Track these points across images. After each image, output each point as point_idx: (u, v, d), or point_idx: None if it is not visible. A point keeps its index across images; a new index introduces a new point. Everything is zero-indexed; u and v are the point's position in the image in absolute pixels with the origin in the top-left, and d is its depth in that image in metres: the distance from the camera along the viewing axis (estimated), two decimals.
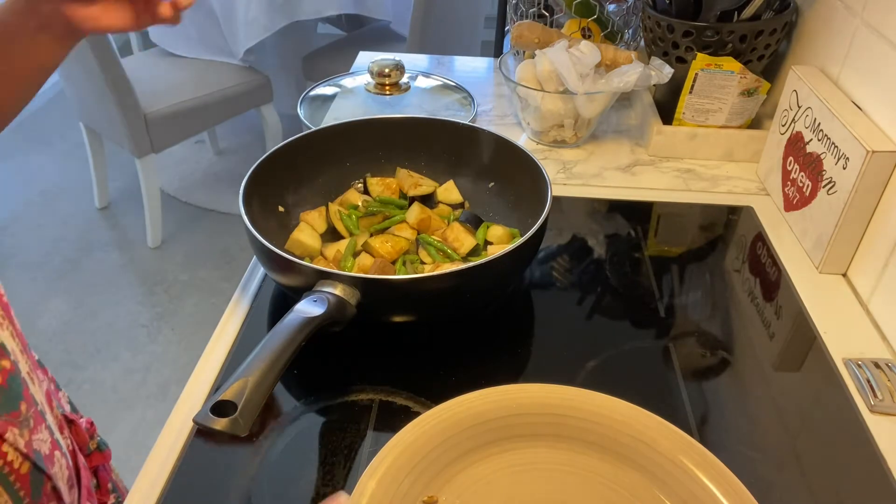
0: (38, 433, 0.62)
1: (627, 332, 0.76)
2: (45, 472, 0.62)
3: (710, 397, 0.68)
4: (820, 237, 0.82)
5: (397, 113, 1.09)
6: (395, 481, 0.55)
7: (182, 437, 0.63)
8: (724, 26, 0.94)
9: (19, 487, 0.59)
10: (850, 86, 0.84)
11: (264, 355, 0.55)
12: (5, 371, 0.58)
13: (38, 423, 0.63)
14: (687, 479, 0.56)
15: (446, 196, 0.87)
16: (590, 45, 0.99)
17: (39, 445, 0.62)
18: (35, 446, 0.61)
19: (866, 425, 0.65)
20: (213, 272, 2.41)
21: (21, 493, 0.59)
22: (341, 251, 0.79)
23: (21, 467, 0.59)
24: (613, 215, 0.94)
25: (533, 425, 0.60)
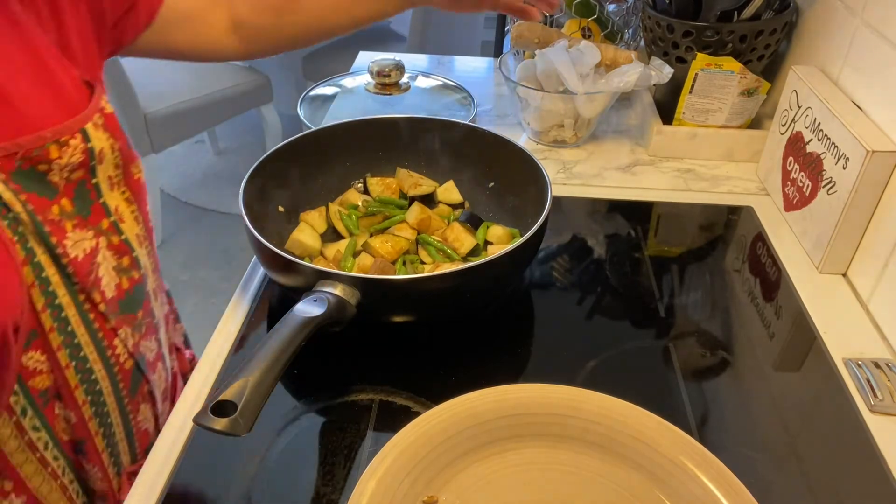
0: (146, 340, 0.72)
1: (627, 332, 0.76)
2: (146, 374, 0.72)
3: (710, 397, 0.68)
4: (820, 237, 0.82)
5: (397, 113, 1.09)
6: (395, 481, 0.55)
7: (182, 437, 0.63)
8: (724, 26, 0.94)
9: (120, 379, 0.69)
10: (850, 86, 0.84)
11: (264, 355, 0.55)
12: (133, 280, 0.68)
13: (150, 333, 0.73)
14: (687, 479, 0.56)
15: (446, 196, 0.87)
16: (590, 45, 0.99)
17: (145, 351, 0.72)
18: (141, 350, 0.71)
19: (866, 425, 0.65)
20: (213, 272, 2.41)
21: (121, 385, 0.69)
22: (341, 251, 0.79)
23: (126, 363, 0.69)
24: (613, 215, 0.94)
25: (533, 425, 0.60)
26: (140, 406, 0.73)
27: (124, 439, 0.72)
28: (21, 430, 0.61)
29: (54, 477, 0.66)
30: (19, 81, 0.58)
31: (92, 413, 0.66)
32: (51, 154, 0.58)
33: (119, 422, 0.70)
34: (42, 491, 0.65)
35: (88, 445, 0.67)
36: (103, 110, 0.64)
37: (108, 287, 0.65)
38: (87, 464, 0.69)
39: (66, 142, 0.59)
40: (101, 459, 0.69)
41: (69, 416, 0.65)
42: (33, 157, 0.57)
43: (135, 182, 0.68)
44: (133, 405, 0.71)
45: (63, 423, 0.65)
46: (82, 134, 0.60)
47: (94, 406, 0.66)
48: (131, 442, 0.73)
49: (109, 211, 0.65)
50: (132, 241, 0.68)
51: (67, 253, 0.60)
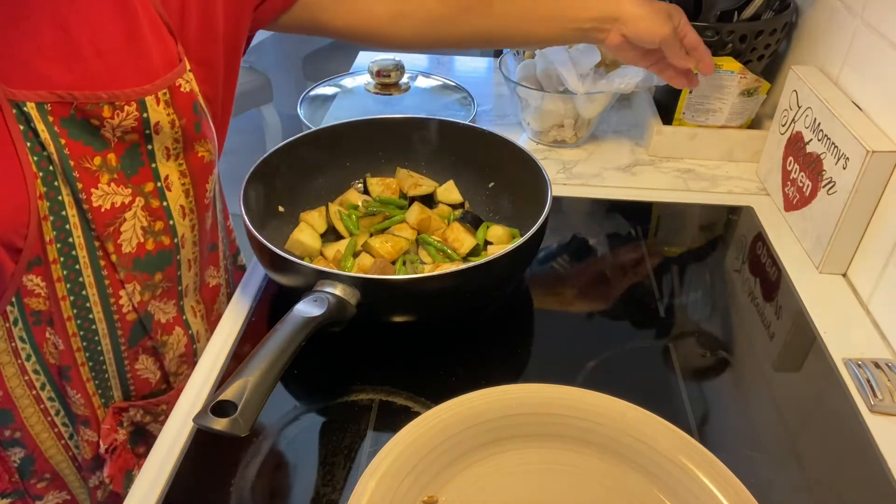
0: (160, 302, 0.75)
1: (627, 332, 0.76)
2: (149, 332, 0.75)
3: (710, 397, 0.68)
4: (820, 237, 0.82)
5: (397, 113, 1.09)
6: (395, 481, 0.55)
7: (182, 437, 0.63)
8: (724, 26, 0.94)
9: (119, 328, 0.73)
10: (850, 86, 0.84)
11: (264, 355, 0.55)
12: (160, 245, 0.71)
13: (168, 297, 0.76)
14: (687, 479, 0.56)
15: (446, 196, 0.87)
16: (590, 45, 0.99)
17: (156, 311, 0.75)
18: (150, 309, 0.74)
19: (866, 425, 0.65)
20: None
21: (119, 333, 0.73)
22: (341, 251, 0.79)
23: (128, 315, 0.72)
24: (613, 215, 0.94)
25: (533, 425, 0.60)
26: (140, 357, 0.76)
27: (116, 378, 0.75)
28: (10, 335, 0.67)
29: (30, 387, 0.71)
30: (102, 38, 0.62)
31: (82, 346, 0.70)
32: (103, 112, 0.62)
33: (112, 363, 0.74)
34: (16, 393, 0.70)
35: (73, 373, 0.71)
36: (178, 87, 0.66)
37: (126, 242, 0.69)
38: (71, 390, 0.73)
39: (121, 106, 0.63)
40: (85, 389, 0.73)
41: (58, 343, 0.69)
42: (87, 111, 0.62)
43: (197, 159, 0.71)
44: (131, 354, 0.75)
45: (52, 347, 0.69)
46: (139, 104, 0.64)
47: (86, 342, 0.71)
48: (124, 383, 0.77)
49: (159, 177, 0.68)
50: (174, 209, 0.71)
51: (90, 201, 0.64)
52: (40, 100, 0.60)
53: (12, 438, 0.73)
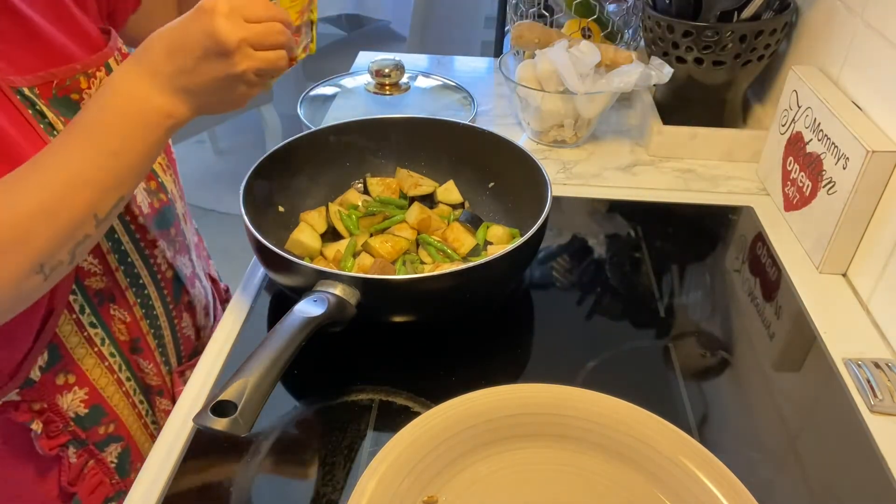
0: (181, 256, 0.81)
1: (627, 332, 0.76)
2: (185, 285, 0.81)
3: (710, 397, 0.68)
4: (820, 237, 0.82)
5: (397, 113, 1.09)
6: (395, 481, 0.55)
7: (182, 437, 0.63)
8: (724, 26, 0.94)
9: (164, 286, 0.78)
10: (850, 86, 0.84)
11: (264, 355, 0.55)
12: (162, 202, 0.76)
13: (183, 251, 0.82)
14: (687, 479, 0.56)
15: (446, 196, 0.87)
16: (590, 45, 0.99)
17: (182, 266, 0.81)
18: (177, 263, 0.79)
19: (866, 425, 0.65)
20: None
21: (165, 292, 0.78)
22: (341, 251, 0.79)
23: (167, 272, 0.78)
24: (613, 215, 0.94)
25: (533, 425, 0.60)
26: (183, 314, 0.82)
27: (171, 342, 0.81)
28: (80, 326, 0.70)
29: (111, 371, 0.73)
30: (47, 19, 0.64)
31: (143, 314, 0.76)
32: (81, 84, 0.65)
33: (166, 325, 0.79)
34: (101, 383, 0.73)
35: (143, 344, 0.76)
36: (121, 49, 0.70)
37: (143, 204, 0.73)
38: (143, 361, 0.76)
39: (94, 73, 0.65)
40: (154, 357, 0.77)
41: (124, 317, 0.73)
42: (66, 87, 0.64)
43: None
44: (177, 312, 0.81)
45: (119, 323, 0.73)
46: (106, 68, 0.67)
47: (144, 308, 0.76)
48: (177, 345, 0.82)
49: None
50: (156, 168, 0.76)
51: None
52: (28, 84, 0.61)
53: (107, 435, 0.75)
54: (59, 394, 0.70)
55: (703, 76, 1.00)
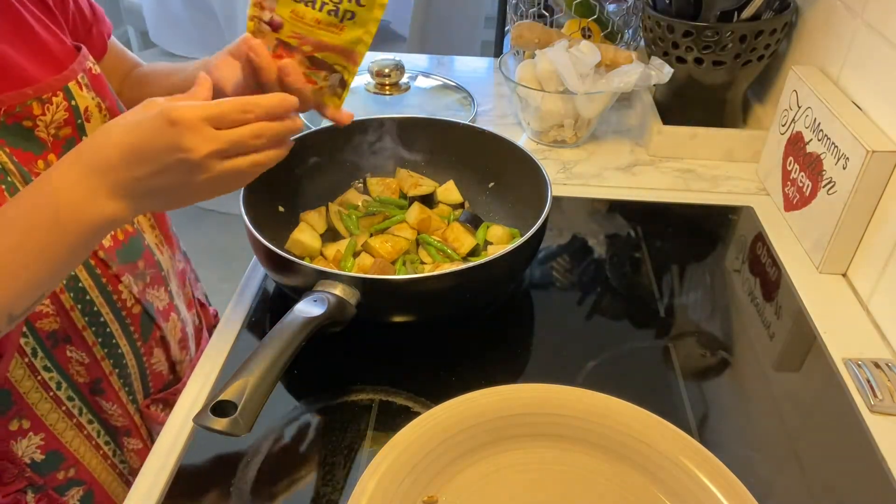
0: (153, 290, 0.76)
1: (627, 332, 0.76)
2: (156, 321, 0.76)
3: (710, 397, 0.68)
4: (820, 237, 0.82)
5: (397, 113, 1.09)
6: (395, 481, 0.55)
7: (182, 437, 0.63)
8: (724, 26, 0.94)
9: (130, 323, 0.73)
10: (850, 86, 0.84)
11: (264, 355, 0.55)
12: (127, 233, 0.72)
13: (157, 283, 0.77)
14: (687, 479, 0.56)
15: (446, 196, 0.87)
16: (590, 45, 0.99)
17: (153, 299, 0.76)
18: (148, 298, 0.75)
19: (866, 425, 0.65)
20: (213, 272, 2.41)
21: (131, 329, 0.73)
22: (341, 251, 0.79)
23: (133, 308, 0.73)
24: (613, 215, 0.94)
25: (533, 425, 0.60)
26: (154, 350, 0.77)
27: (139, 379, 0.76)
28: (34, 370, 0.65)
29: (69, 416, 0.69)
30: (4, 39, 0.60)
31: (104, 354, 0.70)
32: (34, 110, 0.61)
33: (133, 363, 0.74)
34: (58, 429, 0.69)
35: (105, 384, 0.71)
36: (90, 70, 0.66)
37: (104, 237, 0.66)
38: (106, 402, 0.72)
39: (49, 98, 0.61)
40: (119, 398, 0.73)
41: (81, 358, 0.68)
42: (17, 114, 0.60)
43: None
44: (147, 349, 0.76)
45: (77, 365, 0.68)
46: (65, 92, 0.63)
47: (106, 347, 0.70)
48: (145, 382, 0.77)
49: None
50: None
51: None
52: None
53: (67, 479, 0.71)
54: (12, 440, 0.66)
55: (703, 76, 1.00)
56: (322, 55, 0.67)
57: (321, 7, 0.65)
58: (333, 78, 0.69)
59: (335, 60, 0.68)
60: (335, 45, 0.67)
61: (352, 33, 0.66)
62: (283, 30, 0.66)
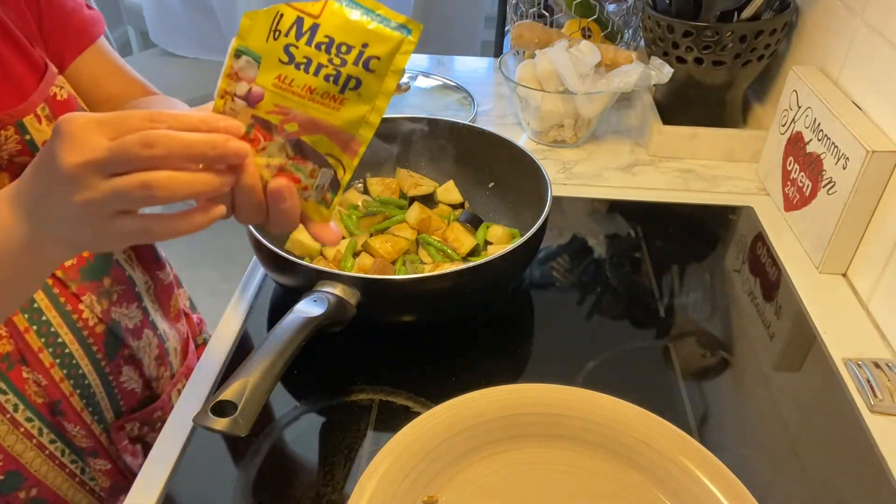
0: (121, 308, 0.72)
1: (627, 332, 0.76)
2: (123, 339, 0.72)
3: (710, 397, 0.68)
4: (820, 237, 0.82)
5: (397, 113, 1.09)
6: (395, 481, 0.55)
7: (182, 437, 0.63)
8: (724, 26, 0.94)
9: (92, 343, 0.69)
10: (850, 86, 0.84)
11: (264, 355, 0.55)
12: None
13: (127, 300, 0.73)
14: (687, 479, 0.56)
15: (446, 196, 0.87)
16: (590, 45, 0.99)
17: (121, 318, 0.72)
18: (114, 316, 0.71)
19: (866, 425, 0.65)
20: (213, 272, 2.41)
21: (94, 349, 0.69)
22: (341, 251, 0.79)
23: (96, 327, 0.69)
24: (613, 215, 0.94)
25: (533, 425, 0.60)
26: (122, 368, 0.73)
27: (105, 398, 0.72)
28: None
29: (28, 437, 0.67)
30: None
31: (63, 375, 0.67)
32: None
33: (98, 383, 0.71)
34: (17, 450, 0.66)
35: (65, 406, 0.68)
36: (55, 97, 0.61)
37: None
38: (68, 423, 0.69)
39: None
40: (81, 419, 0.70)
41: (39, 379, 0.66)
42: None
43: None
44: (113, 367, 0.72)
45: (34, 386, 0.66)
46: (17, 127, 0.59)
47: (66, 368, 0.67)
48: (114, 401, 0.74)
49: None
50: None
51: None
52: None
53: (30, 498, 0.69)
54: None
55: (703, 76, 1.00)
56: (311, 139, 0.50)
57: (317, 71, 0.48)
58: (323, 175, 0.51)
59: (328, 149, 0.50)
60: (330, 126, 0.49)
61: (353, 110, 0.49)
62: (262, 103, 0.49)
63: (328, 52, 0.48)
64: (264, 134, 0.50)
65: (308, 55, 0.48)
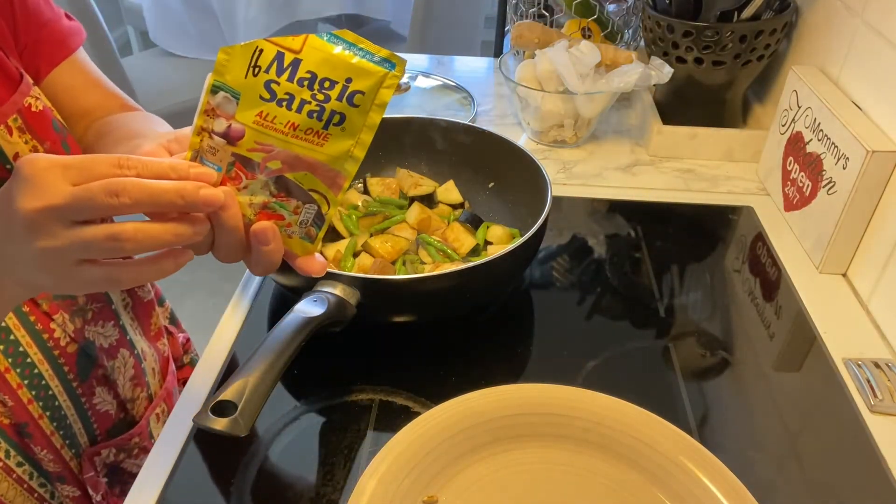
0: (96, 326, 0.69)
1: (627, 332, 0.76)
2: (97, 359, 0.69)
3: (710, 397, 0.68)
4: (820, 237, 0.82)
5: (397, 113, 1.09)
6: (395, 481, 0.55)
7: (182, 437, 0.63)
8: (724, 26, 0.94)
9: (64, 363, 0.66)
10: (850, 86, 0.84)
11: (264, 355, 0.55)
12: None
13: (104, 318, 0.71)
14: (687, 479, 0.56)
15: (446, 196, 0.87)
16: (590, 45, 0.99)
17: (95, 337, 0.69)
18: (88, 335, 0.68)
19: (866, 425, 0.65)
20: (213, 272, 2.41)
21: (65, 369, 0.66)
22: (341, 251, 0.79)
23: (67, 347, 0.66)
24: (613, 215, 0.94)
25: (533, 425, 0.60)
26: (96, 389, 0.70)
27: (78, 421, 0.70)
28: None
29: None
30: None
31: (32, 396, 0.64)
32: None
33: (69, 405, 0.68)
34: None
35: (32, 428, 0.65)
36: (29, 108, 0.60)
37: None
38: (35, 447, 0.66)
39: None
40: (50, 442, 0.67)
41: (4, 400, 0.63)
42: None
43: None
44: (86, 389, 0.69)
45: (0, 406, 0.63)
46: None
47: (34, 389, 0.64)
48: (87, 424, 0.71)
49: None
50: None
51: None
52: None
53: None
54: None
55: (703, 76, 1.00)
56: (295, 176, 0.49)
57: (300, 107, 0.47)
58: (307, 211, 0.51)
59: (312, 185, 0.50)
60: (314, 162, 0.49)
61: (338, 145, 0.48)
62: (243, 141, 0.48)
63: (311, 88, 0.47)
64: (245, 172, 0.49)
65: (290, 91, 0.47)
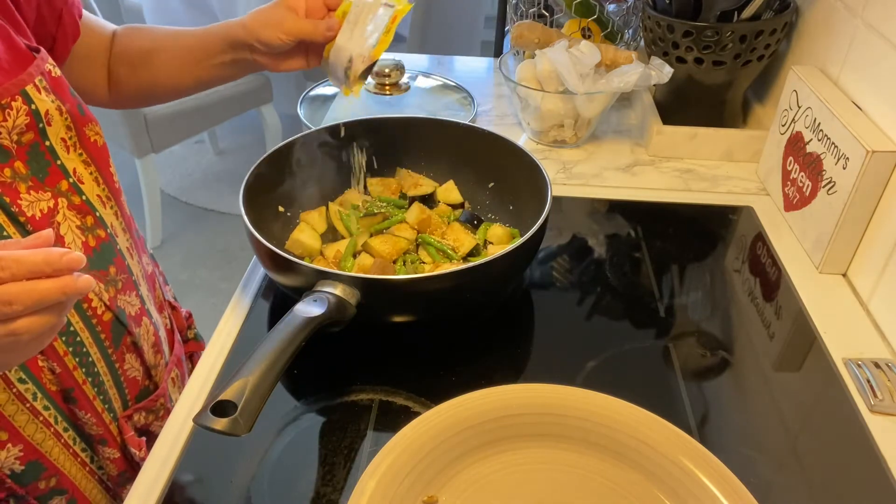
0: (125, 295, 0.74)
1: (627, 332, 0.76)
2: (127, 327, 0.73)
3: (710, 397, 0.68)
4: (820, 237, 0.82)
5: (397, 113, 1.09)
6: (395, 481, 0.55)
7: (182, 437, 0.63)
8: (724, 26, 0.94)
9: (101, 330, 0.70)
10: (850, 86, 0.84)
11: (264, 355, 0.55)
12: (99, 239, 0.69)
13: (129, 288, 0.74)
14: (687, 479, 0.56)
15: (446, 196, 0.87)
16: (590, 45, 0.99)
17: (125, 305, 0.73)
18: (119, 304, 0.72)
19: (866, 425, 0.65)
20: (213, 272, 2.41)
21: (102, 336, 0.71)
22: (341, 251, 0.79)
23: (104, 315, 0.70)
24: (613, 215, 0.94)
25: (533, 425, 0.60)
26: (126, 356, 0.74)
27: (114, 387, 0.74)
28: (8, 382, 0.63)
29: (46, 425, 0.68)
30: None
31: (76, 363, 0.68)
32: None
33: (106, 371, 0.72)
34: (37, 439, 0.67)
35: (78, 393, 0.69)
36: (49, 73, 0.64)
37: (73, 244, 0.66)
38: (80, 411, 0.70)
39: (8, 104, 0.59)
40: (93, 406, 0.71)
41: (53, 367, 0.66)
42: None
43: (91, 144, 0.69)
44: (118, 355, 0.73)
45: (49, 374, 0.67)
46: (23, 96, 0.61)
47: (78, 357, 0.68)
48: (121, 390, 0.75)
49: (68, 172, 0.66)
50: (93, 201, 0.69)
51: (24, 212, 0.61)
52: None
53: (49, 489, 0.70)
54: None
55: (703, 76, 1.00)
56: None
57: None
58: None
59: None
60: None
61: None
62: None
63: None
64: None
65: None
